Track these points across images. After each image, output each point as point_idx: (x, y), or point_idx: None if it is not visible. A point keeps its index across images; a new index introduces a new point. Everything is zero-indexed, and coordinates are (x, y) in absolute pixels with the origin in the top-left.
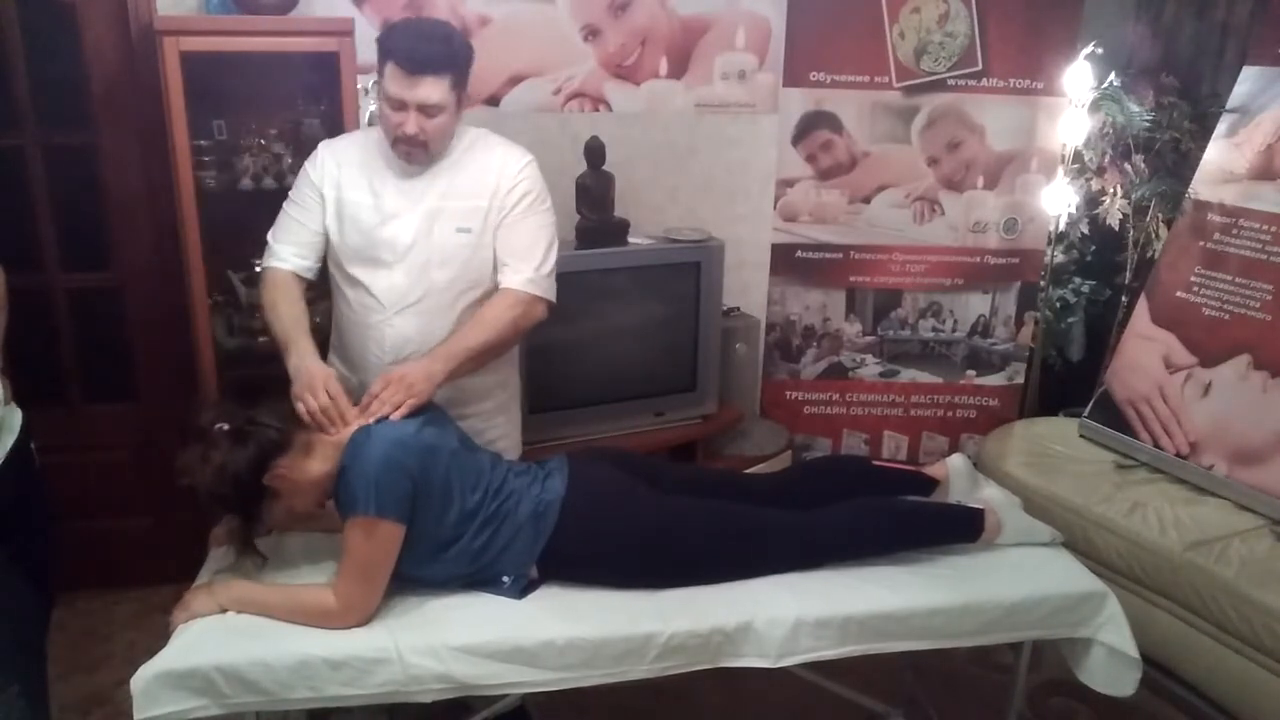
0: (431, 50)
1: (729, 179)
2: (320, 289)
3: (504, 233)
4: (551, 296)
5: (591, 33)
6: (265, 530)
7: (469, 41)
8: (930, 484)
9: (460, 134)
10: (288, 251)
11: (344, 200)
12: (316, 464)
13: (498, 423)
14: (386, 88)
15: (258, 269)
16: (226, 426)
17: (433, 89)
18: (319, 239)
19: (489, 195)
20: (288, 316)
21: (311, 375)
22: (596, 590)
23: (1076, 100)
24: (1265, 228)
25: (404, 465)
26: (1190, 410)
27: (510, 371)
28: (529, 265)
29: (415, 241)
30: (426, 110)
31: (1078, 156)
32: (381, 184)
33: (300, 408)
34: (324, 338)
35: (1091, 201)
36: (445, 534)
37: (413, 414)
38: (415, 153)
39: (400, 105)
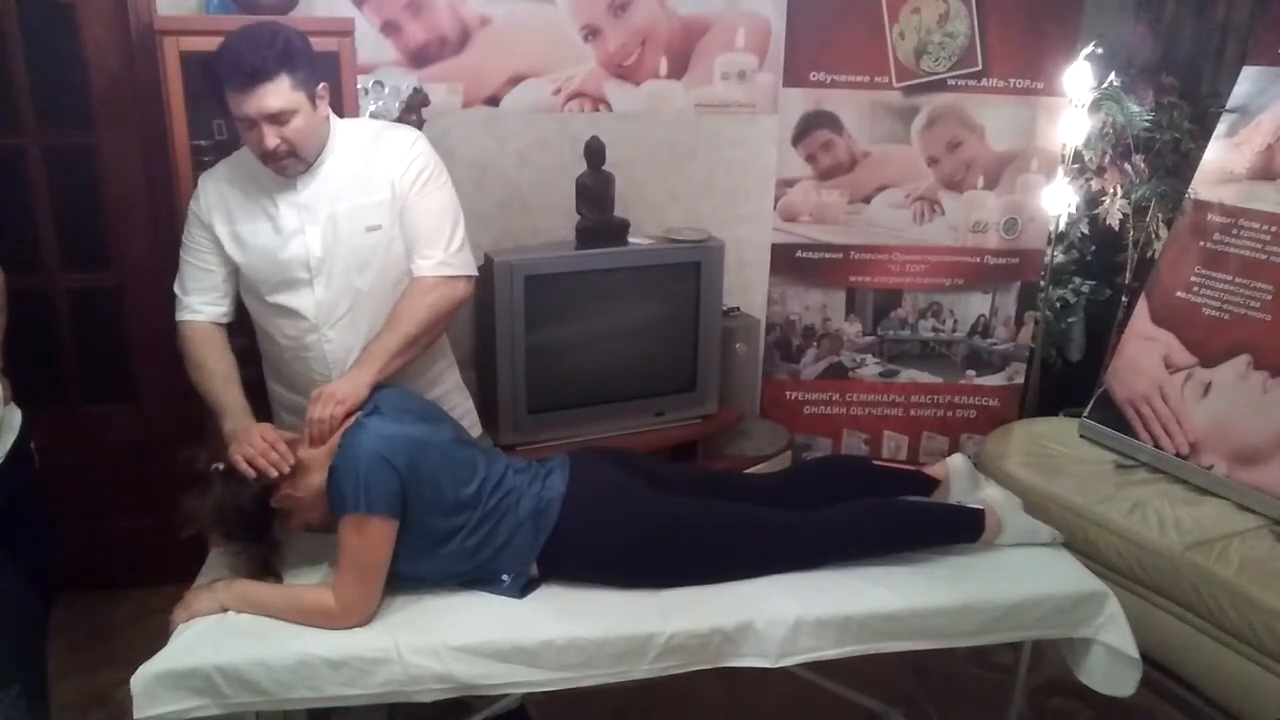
0: (253, 59)
1: (729, 179)
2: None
3: (406, 217)
4: (467, 271)
5: (591, 33)
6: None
7: (300, 36)
8: (930, 484)
9: (334, 130)
10: (198, 301)
11: (239, 232)
12: (316, 476)
13: (456, 402)
14: (231, 110)
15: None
16: (221, 466)
17: (271, 96)
18: (225, 281)
19: (388, 185)
20: (216, 375)
21: (245, 433)
22: (597, 590)
23: (1076, 100)
24: (1265, 228)
25: (390, 460)
26: (1190, 410)
27: (449, 352)
28: (438, 248)
29: (326, 252)
30: (275, 119)
31: (1078, 156)
32: (274, 205)
33: (243, 467)
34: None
35: (1091, 201)
36: (440, 529)
37: (406, 410)
38: (289, 164)
39: (250, 124)
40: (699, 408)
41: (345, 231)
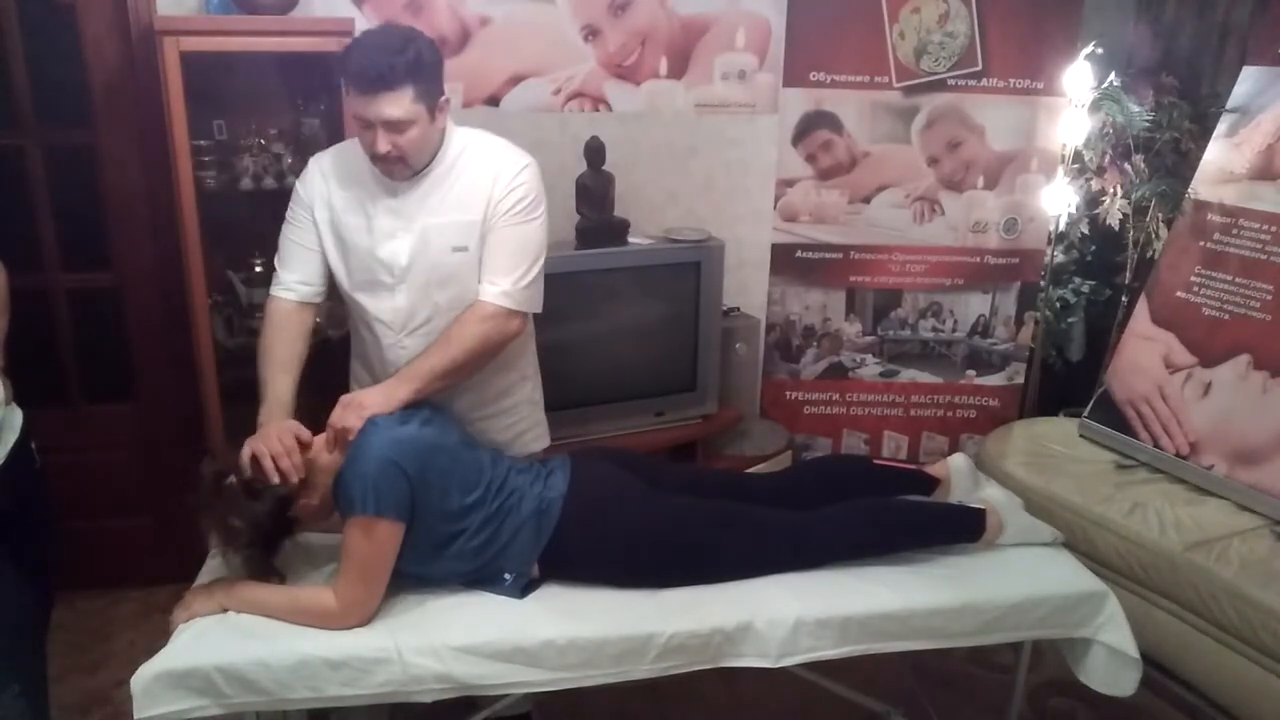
0: (382, 65)
1: (729, 179)
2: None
3: (490, 239)
4: (528, 308)
5: (591, 33)
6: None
7: (432, 47)
8: (931, 483)
9: (449, 140)
10: (292, 279)
11: (339, 222)
12: (325, 477)
13: (524, 414)
14: (350, 107)
15: (258, 269)
16: (235, 480)
17: (391, 105)
18: (319, 259)
19: (482, 208)
20: (274, 362)
21: (264, 430)
22: (597, 590)
23: (1076, 100)
24: (1265, 228)
25: (400, 464)
26: (1190, 410)
27: (527, 365)
28: (508, 277)
29: (413, 262)
30: (392, 127)
31: (1078, 156)
32: (373, 204)
33: (267, 464)
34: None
35: (1091, 201)
36: (445, 531)
37: (414, 411)
38: (395, 169)
39: (366, 124)
40: (699, 408)
41: (433, 246)
